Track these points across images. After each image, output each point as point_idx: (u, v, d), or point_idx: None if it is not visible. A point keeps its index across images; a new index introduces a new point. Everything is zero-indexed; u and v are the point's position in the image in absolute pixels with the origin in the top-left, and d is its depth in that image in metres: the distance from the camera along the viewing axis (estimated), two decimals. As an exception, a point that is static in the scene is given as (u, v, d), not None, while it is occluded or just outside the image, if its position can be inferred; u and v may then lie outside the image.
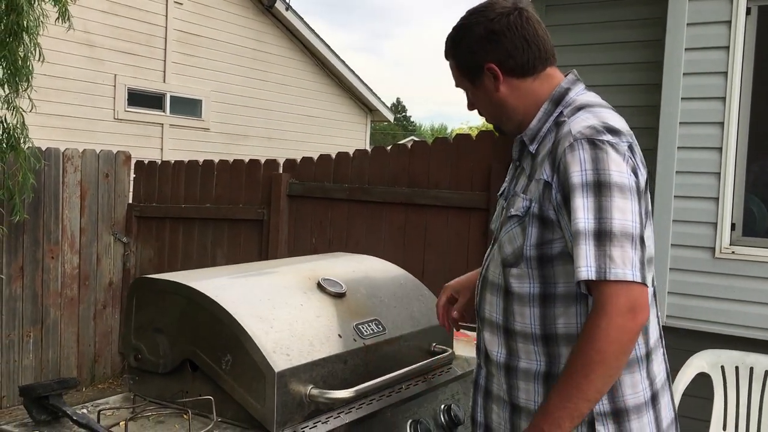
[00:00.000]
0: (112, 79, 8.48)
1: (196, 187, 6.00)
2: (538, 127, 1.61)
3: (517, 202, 1.58)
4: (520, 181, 1.63)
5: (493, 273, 1.65)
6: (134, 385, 1.91)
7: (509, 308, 1.60)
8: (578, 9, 4.09)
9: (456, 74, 1.69)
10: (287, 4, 10.45)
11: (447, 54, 1.69)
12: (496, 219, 1.76)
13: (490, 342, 1.66)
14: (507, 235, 1.60)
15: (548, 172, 1.51)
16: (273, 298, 1.90)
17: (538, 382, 1.57)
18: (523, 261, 1.56)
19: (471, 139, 4.73)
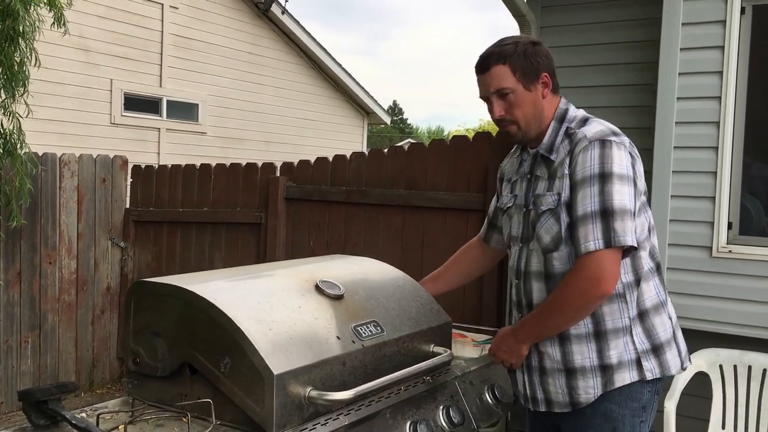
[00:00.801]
0: (108, 83, 8.48)
1: (194, 191, 5.99)
2: (552, 140, 2.05)
3: (545, 199, 2.00)
4: (539, 186, 2.05)
5: (537, 264, 2.05)
6: (133, 388, 1.91)
7: (552, 287, 2.00)
8: (573, 10, 4.09)
9: (507, 78, 2.02)
10: (283, 8, 10.46)
11: (502, 59, 2.02)
12: (518, 226, 2.14)
13: None
14: (543, 228, 2.01)
15: (567, 168, 1.96)
16: (271, 301, 1.90)
17: (590, 341, 1.99)
18: (562, 243, 1.98)
19: (468, 140, 4.73)
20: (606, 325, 1.98)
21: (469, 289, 4.58)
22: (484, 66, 2.05)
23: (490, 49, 2.07)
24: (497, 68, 2.03)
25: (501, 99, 2.04)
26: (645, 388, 2.00)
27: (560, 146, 2.02)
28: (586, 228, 1.87)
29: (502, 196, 2.28)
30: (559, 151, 2.02)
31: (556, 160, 2.01)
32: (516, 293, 2.15)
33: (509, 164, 2.32)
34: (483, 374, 2.36)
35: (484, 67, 2.05)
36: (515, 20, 4.13)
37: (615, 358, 1.97)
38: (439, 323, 2.30)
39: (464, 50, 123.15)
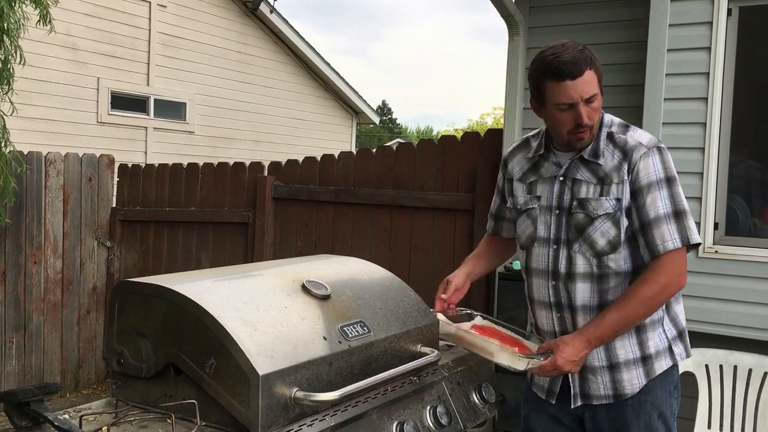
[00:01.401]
0: (95, 82, 8.42)
1: (181, 191, 5.96)
2: (598, 145, 2.06)
3: (600, 204, 2.02)
4: (584, 190, 2.06)
5: (584, 266, 2.06)
6: (117, 389, 1.89)
7: (603, 287, 2.06)
8: (561, 11, 4.10)
9: (594, 84, 1.98)
10: (272, 7, 10.42)
11: (590, 64, 1.98)
12: (547, 227, 2.13)
13: (586, 321, 2.07)
14: (598, 232, 2.03)
15: (626, 175, 2.01)
16: (257, 301, 1.88)
17: (631, 335, 2.07)
18: (619, 246, 2.03)
19: (456, 140, 4.74)
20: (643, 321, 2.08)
21: (457, 289, 4.58)
22: (577, 71, 1.95)
23: (569, 54, 1.96)
24: (588, 74, 1.96)
25: (587, 105, 1.98)
26: (674, 370, 2.16)
27: (605, 150, 2.04)
28: (661, 229, 1.97)
29: (516, 196, 2.24)
30: (605, 155, 2.04)
31: (604, 164, 2.03)
32: (553, 294, 2.13)
33: (518, 164, 2.27)
34: (470, 374, 2.36)
35: (577, 72, 1.95)
36: (503, 20, 4.13)
37: (653, 348, 2.09)
38: (426, 323, 2.29)
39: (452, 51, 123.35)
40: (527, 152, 2.24)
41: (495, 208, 2.46)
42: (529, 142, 2.27)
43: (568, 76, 1.94)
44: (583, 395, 2.14)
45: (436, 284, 4.98)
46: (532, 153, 2.21)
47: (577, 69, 1.94)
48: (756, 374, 3.19)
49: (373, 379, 1.92)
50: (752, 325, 3.39)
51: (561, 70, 1.95)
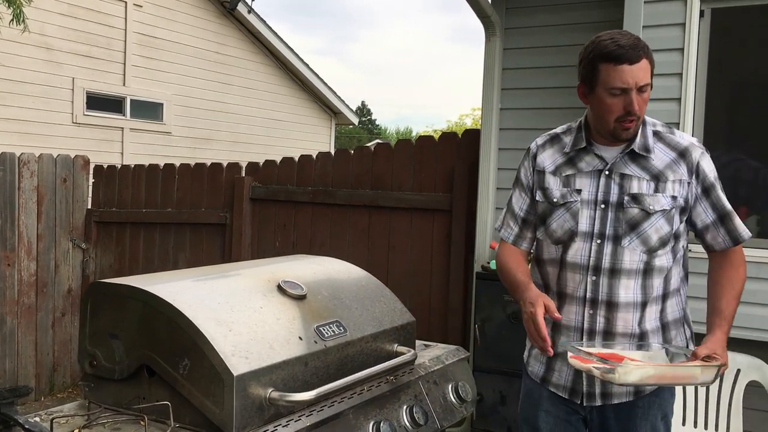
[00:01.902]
0: (70, 82, 8.32)
1: (157, 192, 5.92)
2: (645, 141, 2.06)
3: (656, 200, 2.02)
4: (635, 185, 2.04)
5: (631, 262, 2.04)
6: (90, 392, 1.87)
7: (648, 284, 2.05)
8: (537, 12, 4.13)
9: (648, 74, 1.97)
10: (249, 7, 10.37)
11: (645, 53, 1.97)
12: (591, 221, 2.08)
13: (624, 319, 2.05)
14: (652, 228, 2.03)
15: (686, 174, 2.04)
16: (231, 302, 1.87)
17: (658, 333, 2.09)
18: (668, 243, 2.05)
19: (433, 140, 4.75)
20: (668, 317, 2.11)
21: (435, 291, 4.60)
22: (636, 57, 1.93)
23: (630, 39, 1.96)
24: (645, 62, 1.95)
25: (639, 93, 1.96)
26: None
27: (655, 147, 2.05)
28: (735, 221, 2.08)
29: (550, 189, 2.14)
30: (655, 152, 2.05)
31: (656, 160, 2.04)
32: (591, 290, 2.07)
33: (550, 157, 2.18)
34: (446, 373, 2.36)
35: (635, 57, 1.93)
36: (480, 21, 4.15)
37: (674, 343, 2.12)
38: (402, 323, 2.30)
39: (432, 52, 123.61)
40: (561, 147, 2.18)
41: (523, 208, 2.24)
42: (559, 138, 2.20)
43: (627, 60, 1.93)
44: (604, 395, 2.11)
45: (414, 284, 5.00)
46: (570, 147, 2.14)
47: (636, 55, 1.93)
48: (729, 371, 3.23)
49: (349, 379, 1.92)
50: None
51: (620, 54, 1.93)
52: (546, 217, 2.16)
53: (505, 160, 4.24)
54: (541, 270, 2.21)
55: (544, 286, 2.19)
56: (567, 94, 3.97)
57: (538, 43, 4.13)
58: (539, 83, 4.14)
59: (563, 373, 2.14)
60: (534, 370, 2.23)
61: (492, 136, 4.25)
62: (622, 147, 2.06)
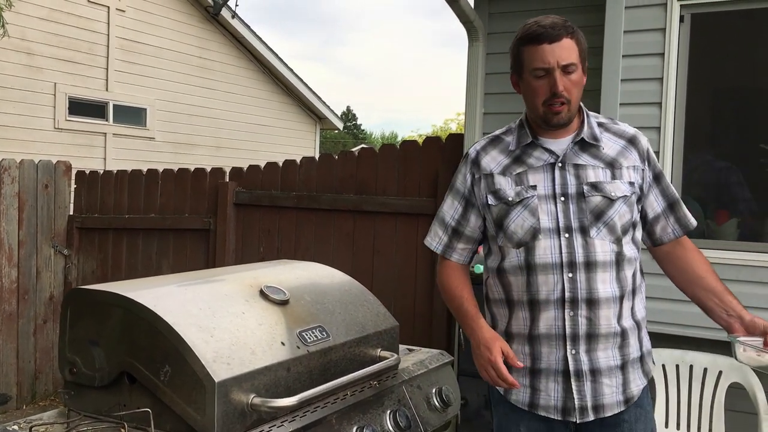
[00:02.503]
0: (52, 87, 8.26)
1: (140, 197, 5.88)
2: (592, 131, 2.03)
3: (617, 186, 1.98)
4: (592, 173, 1.99)
5: (604, 253, 1.96)
6: (69, 399, 1.85)
7: (621, 276, 1.98)
8: (519, 17, 4.12)
9: (573, 53, 1.93)
10: (233, 12, 10.35)
11: (569, 33, 1.93)
12: (553, 216, 1.98)
13: (606, 317, 1.95)
14: (617, 215, 1.97)
15: (638, 161, 2.02)
16: (213, 307, 1.86)
17: (637, 330, 2.04)
18: (630, 230, 2.00)
19: (418, 145, 4.75)
20: (638, 314, 2.05)
21: (419, 295, 4.60)
22: (555, 36, 1.90)
23: (551, 19, 1.94)
24: (567, 41, 1.92)
25: (564, 75, 1.91)
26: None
27: (602, 136, 2.03)
28: (683, 208, 2.09)
29: (503, 189, 2.03)
30: (603, 141, 2.02)
31: (606, 149, 2.01)
32: (569, 289, 1.94)
33: (494, 159, 2.09)
34: (430, 378, 2.36)
35: (555, 36, 1.90)
36: (463, 26, 4.17)
37: (645, 347, 2.08)
38: (385, 327, 2.29)
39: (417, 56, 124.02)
40: (504, 147, 2.09)
41: (455, 217, 2.17)
42: (500, 139, 2.13)
43: (546, 40, 1.90)
44: (595, 408, 1.97)
45: (398, 289, 5.00)
46: (515, 145, 2.07)
47: (555, 34, 1.90)
48: (711, 373, 3.25)
49: (332, 384, 1.91)
50: (706, 324, 3.45)
51: (539, 33, 1.91)
52: (502, 219, 2.03)
53: (489, 165, 4.25)
54: (503, 281, 2.05)
55: (507, 301, 2.05)
56: (549, 98, 4.01)
57: (521, 47, 4.15)
58: (522, 88, 4.15)
59: (551, 391, 1.98)
60: (518, 398, 2.03)
61: (475, 140, 4.26)
62: (570, 138, 2.02)
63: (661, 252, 2.13)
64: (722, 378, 3.22)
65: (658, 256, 2.15)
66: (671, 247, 2.10)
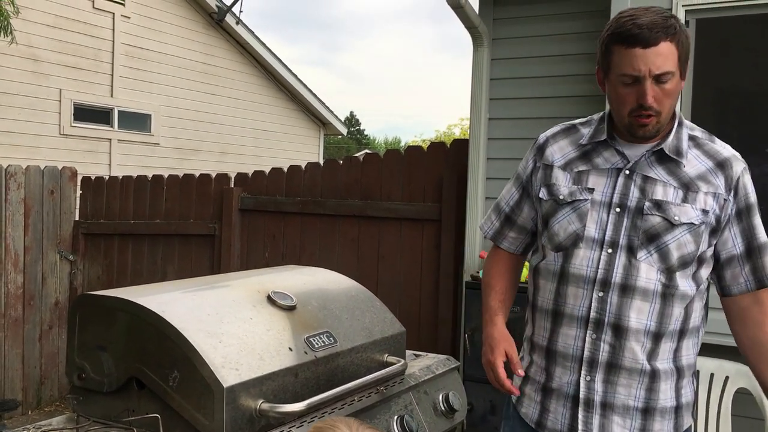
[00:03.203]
0: (57, 93, 8.30)
1: (145, 203, 5.89)
2: (678, 144, 1.74)
3: (684, 211, 1.70)
4: (660, 190, 1.72)
5: (646, 280, 1.71)
6: (78, 405, 1.86)
7: (666, 311, 1.72)
8: (524, 22, 4.16)
9: (670, 60, 1.63)
10: (237, 18, 10.39)
11: (671, 35, 1.62)
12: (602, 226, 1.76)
13: (632, 350, 1.72)
14: (675, 242, 1.70)
15: (723, 188, 1.72)
16: (221, 313, 1.87)
17: (673, 376, 1.76)
18: (690, 264, 1.72)
19: (422, 150, 4.76)
20: (682, 360, 1.78)
21: (424, 301, 4.60)
22: (652, 39, 1.60)
23: (650, 17, 1.63)
24: (666, 45, 1.61)
25: (656, 83, 1.63)
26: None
27: (689, 152, 1.75)
28: (766, 258, 1.76)
29: (557, 185, 1.83)
30: (688, 157, 1.74)
31: (688, 167, 1.73)
32: (597, 308, 1.74)
33: (561, 150, 1.88)
34: (437, 384, 2.36)
35: (652, 40, 1.60)
36: (468, 32, 4.18)
37: (685, 398, 1.80)
38: (392, 333, 2.30)
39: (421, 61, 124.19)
40: (576, 139, 1.87)
41: (509, 203, 1.99)
42: (576, 129, 1.91)
43: (640, 43, 1.61)
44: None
45: (404, 294, 5.00)
46: (587, 139, 1.84)
47: (653, 36, 1.60)
48: (717, 379, 3.24)
49: (340, 390, 1.91)
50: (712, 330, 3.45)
51: (632, 34, 1.61)
52: (549, 217, 1.84)
53: (494, 170, 4.25)
54: (535, 282, 1.90)
55: (533, 306, 1.90)
56: (555, 103, 4.02)
57: (526, 53, 4.16)
58: (527, 93, 4.16)
59: (559, 415, 1.80)
60: (528, 413, 1.88)
61: (480, 145, 4.27)
62: (650, 145, 1.75)
63: (732, 305, 1.81)
64: (729, 383, 3.21)
65: (728, 309, 1.82)
66: (745, 303, 1.78)
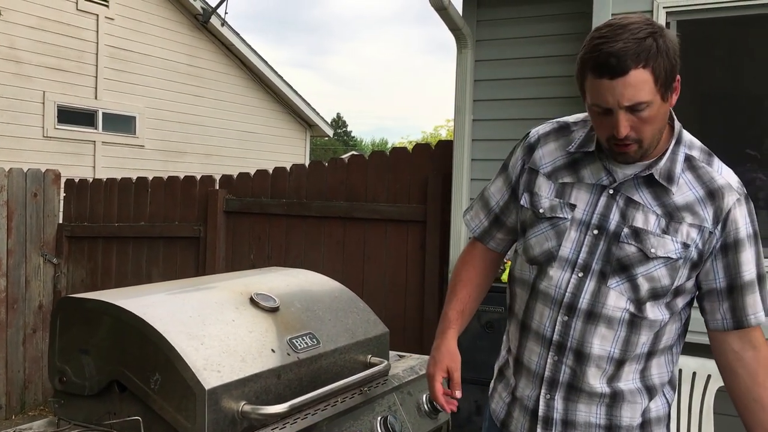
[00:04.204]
0: (40, 95, 8.23)
1: (130, 205, 5.87)
2: (671, 167, 1.59)
3: (663, 243, 1.57)
4: (641, 217, 1.59)
5: (614, 309, 1.61)
6: (59, 408, 1.85)
7: (631, 339, 1.63)
8: (507, 24, 4.18)
9: (645, 89, 1.46)
10: (223, 20, 10.36)
11: (643, 61, 1.44)
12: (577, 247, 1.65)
13: (593, 375, 1.65)
14: (647, 275, 1.58)
15: (710, 221, 1.58)
16: (204, 315, 1.87)
17: (643, 394, 1.69)
18: (665, 296, 1.62)
19: (407, 152, 4.77)
20: (653, 379, 1.70)
21: (410, 302, 4.60)
22: (618, 69, 1.44)
23: (620, 43, 1.44)
24: (636, 74, 1.44)
25: (631, 113, 1.48)
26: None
27: (681, 177, 1.59)
28: (754, 296, 1.61)
29: (539, 196, 1.71)
30: (679, 184, 1.59)
31: (677, 194, 1.58)
32: (560, 332, 1.65)
33: (550, 154, 1.73)
34: (421, 384, 2.37)
35: (618, 70, 1.44)
36: (452, 34, 4.19)
37: (654, 413, 1.71)
38: (376, 334, 2.30)
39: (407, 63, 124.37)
40: (567, 142, 1.72)
41: (499, 203, 1.85)
42: (569, 129, 1.74)
43: (606, 73, 1.45)
44: None
45: (389, 295, 5.00)
46: (576, 146, 1.69)
47: (621, 66, 1.44)
48: (700, 377, 3.27)
49: (323, 391, 1.91)
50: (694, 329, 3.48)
51: (599, 63, 1.46)
52: (527, 228, 1.73)
53: (479, 171, 4.27)
54: (511, 289, 1.82)
55: (509, 309, 1.83)
56: (539, 104, 4.04)
57: (510, 55, 4.18)
58: (511, 94, 4.18)
59: (520, 424, 1.76)
60: (496, 409, 1.85)
61: (465, 147, 4.28)
62: (641, 167, 1.60)
63: (716, 340, 1.68)
64: (711, 382, 3.24)
65: (712, 340, 1.69)
66: (731, 339, 1.65)
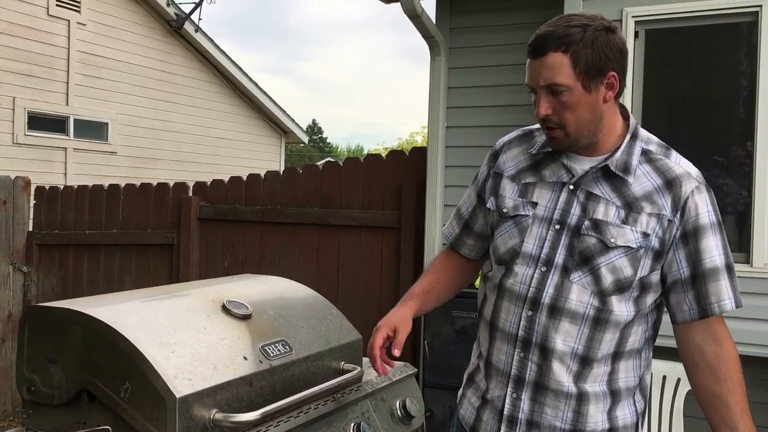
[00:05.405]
0: (10, 102, 8.12)
1: (102, 213, 5.80)
2: (628, 159, 1.65)
3: (623, 233, 1.61)
4: (601, 209, 1.64)
5: (577, 303, 1.64)
6: (28, 419, 1.82)
7: (596, 336, 1.64)
8: (480, 32, 4.22)
9: (562, 72, 1.57)
10: (196, 26, 10.31)
11: (563, 46, 1.56)
12: (539, 243, 1.70)
13: (558, 372, 1.66)
14: (609, 266, 1.62)
15: (668, 209, 1.61)
16: (175, 322, 1.85)
17: (607, 399, 1.68)
18: (630, 289, 1.63)
19: (381, 158, 4.78)
20: (619, 383, 1.70)
21: (385, 308, 4.59)
22: (538, 50, 1.59)
23: (551, 27, 1.59)
24: (554, 57, 1.56)
25: (551, 95, 1.59)
26: None
27: (638, 168, 1.65)
28: (719, 284, 1.61)
29: (503, 197, 1.79)
30: (637, 174, 1.64)
31: (634, 185, 1.63)
32: (525, 327, 1.68)
33: (514, 159, 1.82)
34: (394, 390, 2.37)
35: (538, 51, 1.59)
36: (425, 41, 4.22)
37: (621, 421, 1.70)
38: (349, 340, 2.30)
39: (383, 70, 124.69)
40: (529, 146, 1.81)
41: (468, 209, 1.95)
42: (533, 135, 1.83)
43: (530, 53, 1.61)
44: None
45: (364, 302, 5.00)
46: (537, 148, 1.78)
47: (540, 47, 1.58)
48: (670, 380, 3.32)
49: (295, 398, 1.91)
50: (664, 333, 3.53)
51: (530, 44, 1.62)
52: (494, 229, 1.81)
53: (452, 178, 4.30)
54: (482, 292, 1.87)
55: (480, 313, 1.87)
56: (512, 111, 4.08)
57: (483, 62, 4.22)
58: (484, 101, 4.22)
59: (489, 427, 1.77)
60: (465, 415, 1.87)
61: (438, 153, 4.31)
62: (597, 160, 1.67)
63: (680, 333, 1.70)
64: (681, 385, 3.28)
65: (677, 337, 1.71)
66: (693, 332, 1.66)
